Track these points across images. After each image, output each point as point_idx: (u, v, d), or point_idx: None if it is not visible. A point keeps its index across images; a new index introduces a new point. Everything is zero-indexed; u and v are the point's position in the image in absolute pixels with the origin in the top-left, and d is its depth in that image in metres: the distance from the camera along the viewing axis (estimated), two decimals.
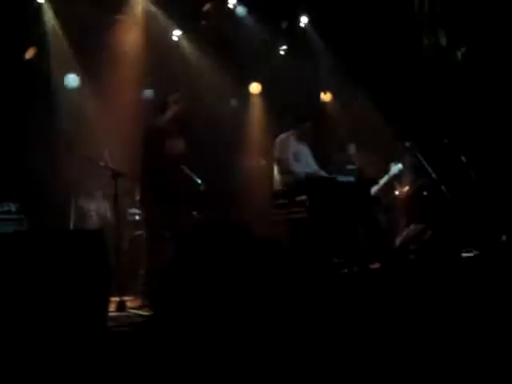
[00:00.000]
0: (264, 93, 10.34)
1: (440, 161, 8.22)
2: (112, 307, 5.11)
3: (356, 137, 8.73)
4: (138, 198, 6.94)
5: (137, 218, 7.53)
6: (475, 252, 7.40)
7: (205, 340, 4.24)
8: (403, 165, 8.41)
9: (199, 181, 7.72)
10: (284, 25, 9.80)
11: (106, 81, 8.26)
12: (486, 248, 7.42)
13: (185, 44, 9.17)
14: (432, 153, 8.24)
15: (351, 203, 6.52)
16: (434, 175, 7.93)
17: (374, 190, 8.13)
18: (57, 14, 8.05)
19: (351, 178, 7.13)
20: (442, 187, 7.85)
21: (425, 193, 8.79)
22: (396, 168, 8.37)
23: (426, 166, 7.98)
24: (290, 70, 9.83)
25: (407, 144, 8.08)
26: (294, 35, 9.94)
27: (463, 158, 8.10)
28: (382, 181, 8.33)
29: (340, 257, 7.03)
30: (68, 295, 4.01)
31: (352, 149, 8.52)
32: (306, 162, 7.30)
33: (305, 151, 7.39)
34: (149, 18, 8.58)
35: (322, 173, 7.38)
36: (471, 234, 7.82)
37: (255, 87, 10.34)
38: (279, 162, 7.15)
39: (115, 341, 4.26)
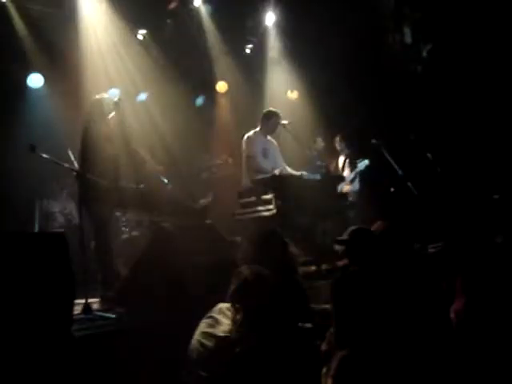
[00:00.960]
0: (230, 91, 10.32)
1: (406, 157, 8.28)
2: (77, 310, 5.02)
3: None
4: None
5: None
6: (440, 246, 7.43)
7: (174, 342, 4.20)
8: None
9: (166, 180, 7.68)
10: (249, 23, 9.78)
11: (71, 80, 8.17)
12: (451, 242, 7.48)
13: (149, 43, 9.09)
14: (398, 149, 8.31)
15: (318, 200, 6.51)
16: (400, 172, 7.99)
17: (341, 186, 8.18)
18: (20, 12, 7.91)
19: (318, 176, 7.14)
20: (409, 183, 7.91)
21: (392, 189, 8.82)
22: (362, 164, 8.39)
23: (393, 162, 8.04)
24: (255, 68, 9.84)
25: (373, 141, 8.12)
26: (259, 33, 9.94)
27: (429, 155, 8.14)
28: (350, 177, 8.38)
29: (308, 254, 7.05)
30: (31, 299, 3.93)
31: (319, 142, 8.53)
32: (274, 159, 7.32)
33: (273, 147, 7.39)
34: (114, 16, 8.46)
35: (290, 170, 7.39)
36: (437, 230, 7.86)
37: (222, 86, 10.32)
38: (247, 159, 7.15)
39: (80, 344, 4.20)
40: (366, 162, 8.39)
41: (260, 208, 6.26)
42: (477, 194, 8.36)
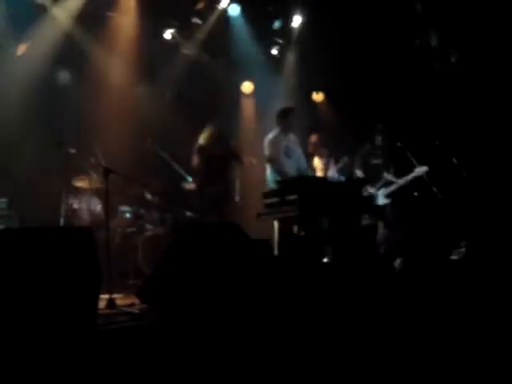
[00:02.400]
0: (256, 92, 10.35)
1: (431, 162, 8.24)
2: (102, 305, 5.08)
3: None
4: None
5: (127, 215, 7.52)
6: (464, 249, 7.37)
7: (196, 339, 4.24)
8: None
9: (190, 179, 7.75)
10: (276, 25, 9.80)
11: (99, 78, 8.27)
12: (476, 248, 7.44)
13: (179, 41, 9.15)
14: (424, 154, 8.27)
15: (342, 203, 6.51)
16: (425, 177, 7.96)
17: (387, 190, 8.13)
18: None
19: (342, 178, 7.15)
20: (434, 188, 7.87)
21: (415, 193, 8.78)
22: (421, 170, 8.01)
23: (417, 165, 8.01)
24: (281, 70, 9.87)
25: (399, 144, 8.10)
26: (286, 35, 9.95)
27: (454, 160, 8.09)
28: (404, 179, 8.17)
29: (330, 257, 7.06)
30: (57, 293, 3.99)
31: (378, 141, 8.40)
32: (297, 158, 7.31)
33: (295, 145, 7.38)
34: (141, 15, 8.53)
35: (311, 172, 7.41)
36: (462, 235, 7.82)
37: (247, 87, 10.35)
38: (270, 161, 7.15)
39: (105, 339, 4.25)
40: (425, 167, 8.03)
41: (284, 208, 6.27)
42: (502, 199, 8.32)
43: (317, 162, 8.02)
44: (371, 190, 8.02)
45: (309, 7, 9.55)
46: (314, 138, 8.16)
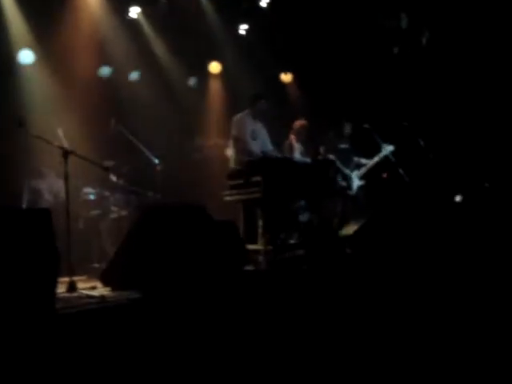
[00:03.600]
0: (224, 72, 10.25)
1: (398, 143, 8.27)
2: (62, 288, 5.01)
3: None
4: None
5: (91, 197, 7.42)
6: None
7: (161, 322, 4.21)
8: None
9: (156, 160, 7.66)
10: (245, 4, 9.68)
11: (62, 57, 8.11)
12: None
13: (142, 21, 9.00)
14: (390, 135, 8.29)
15: (308, 184, 6.49)
16: (392, 157, 7.99)
17: (360, 172, 8.13)
18: None
19: (307, 159, 7.12)
20: (400, 170, 7.90)
21: (384, 175, 8.82)
22: (388, 149, 8.16)
23: (384, 145, 8.04)
24: (250, 50, 9.76)
25: (365, 126, 8.10)
26: (254, 15, 9.84)
27: (421, 141, 8.12)
28: (373, 161, 8.27)
29: (296, 238, 7.06)
30: (13, 275, 3.92)
31: (348, 128, 8.43)
32: (262, 141, 7.28)
33: (262, 130, 7.36)
34: None
35: (277, 153, 7.37)
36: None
37: (215, 67, 10.24)
38: (236, 141, 7.10)
39: (64, 322, 4.19)
40: (391, 146, 8.18)
41: (248, 190, 6.23)
42: (468, 182, 8.40)
43: (298, 146, 8.05)
44: (346, 171, 8.05)
45: None
46: (300, 123, 8.17)
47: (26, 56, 8.12)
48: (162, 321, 4.25)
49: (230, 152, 7.33)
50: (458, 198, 7.65)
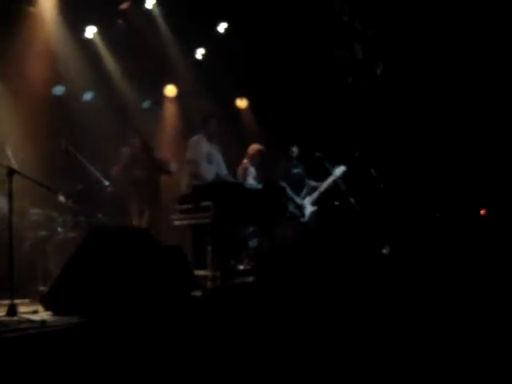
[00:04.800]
0: (179, 96, 10.25)
1: (350, 172, 8.36)
2: (2, 312, 4.87)
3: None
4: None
5: (38, 218, 7.26)
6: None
7: (105, 346, 4.14)
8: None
9: (107, 182, 7.57)
10: (202, 28, 9.71)
11: (14, 74, 7.99)
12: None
13: (98, 41, 8.94)
14: (343, 164, 8.38)
15: (258, 210, 6.49)
16: (343, 187, 8.07)
17: (312, 198, 8.16)
18: None
19: (259, 186, 7.13)
20: (351, 199, 7.98)
21: (336, 202, 8.89)
22: (339, 170, 8.26)
23: (334, 168, 8.13)
24: (206, 75, 9.79)
25: (317, 154, 8.18)
26: (211, 40, 9.88)
27: (373, 171, 8.22)
28: (325, 184, 8.32)
29: (247, 264, 7.05)
30: None
31: (295, 151, 8.48)
32: (217, 165, 7.29)
33: (217, 153, 7.36)
34: (61, 11, 8.28)
35: (230, 178, 7.38)
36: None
37: (170, 90, 10.24)
38: (190, 164, 7.08)
39: (3, 347, 4.07)
40: (343, 167, 8.28)
41: (197, 215, 6.20)
42: (419, 212, 8.52)
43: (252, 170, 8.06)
44: (297, 199, 8.08)
45: (233, 13, 9.51)
46: (255, 147, 8.18)
47: None
48: (105, 346, 4.17)
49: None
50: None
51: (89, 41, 8.86)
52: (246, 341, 4.49)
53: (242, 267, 6.94)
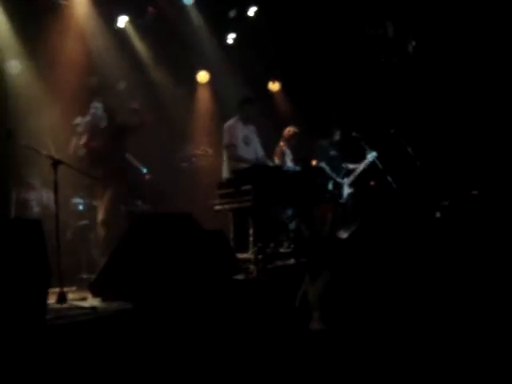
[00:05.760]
0: (212, 81, 10.27)
1: (387, 151, 8.30)
2: (52, 299, 4.97)
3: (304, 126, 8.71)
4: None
5: (80, 207, 7.39)
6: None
7: (153, 332, 4.20)
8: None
9: (144, 169, 7.66)
10: (232, 13, 9.70)
11: (50, 67, 8.08)
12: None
13: (130, 30, 9.00)
14: (379, 143, 8.33)
15: (297, 192, 6.49)
16: (380, 166, 8.02)
17: (349, 180, 8.15)
18: None
19: (297, 168, 7.13)
20: (389, 178, 7.94)
21: (372, 183, 8.85)
22: (372, 156, 8.21)
23: (371, 156, 8.09)
24: (238, 59, 9.78)
25: (354, 134, 8.14)
26: (242, 24, 9.87)
27: (409, 148, 8.16)
28: (360, 167, 8.27)
29: (286, 247, 7.07)
30: (5, 287, 3.89)
31: (337, 135, 8.43)
32: (255, 146, 7.29)
33: (253, 135, 7.36)
34: (93, 3, 8.35)
35: (268, 161, 7.39)
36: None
37: (203, 76, 10.26)
38: (227, 149, 7.09)
39: (54, 334, 4.16)
40: (375, 153, 8.21)
41: (238, 199, 6.23)
42: (455, 189, 8.43)
43: (288, 152, 8.05)
44: (337, 179, 8.07)
45: None
46: (290, 130, 8.16)
47: (13, 66, 8.09)
48: (153, 331, 4.24)
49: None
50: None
51: (121, 30, 8.91)
52: (290, 322, 4.52)
53: (281, 250, 6.96)
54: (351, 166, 8.36)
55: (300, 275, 5.93)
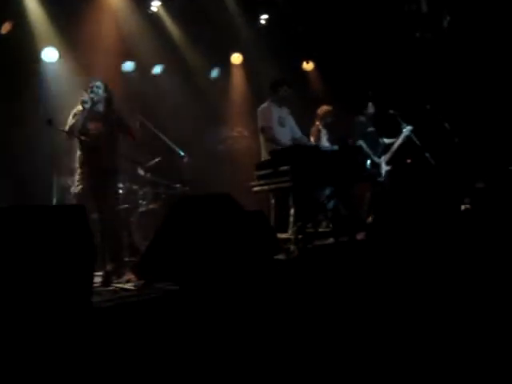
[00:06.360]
0: (245, 63, 10.25)
1: (424, 127, 8.21)
2: (97, 282, 5.06)
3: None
4: None
5: (120, 191, 7.47)
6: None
7: (196, 315, 4.23)
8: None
9: (182, 152, 7.70)
10: None
11: (86, 53, 8.16)
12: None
13: (163, 14, 9.02)
14: (415, 119, 8.23)
15: (336, 171, 6.46)
16: (418, 143, 7.94)
17: (386, 157, 8.10)
18: None
19: (335, 147, 7.08)
20: (427, 154, 7.85)
21: (408, 160, 8.77)
22: (407, 130, 8.10)
23: (407, 130, 8.01)
24: (271, 40, 9.74)
25: (390, 111, 8.06)
26: (274, 5, 9.80)
27: (446, 125, 8.06)
28: (397, 143, 8.17)
29: (325, 226, 7.05)
30: (51, 271, 3.96)
31: (371, 108, 8.31)
32: (291, 127, 7.26)
33: (288, 116, 7.33)
34: None
35: (306, 140, 7.36)
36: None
37: (236, 57, 10.25)
38: (263, 131, 7.07)
39: (101, 316, 4.23)
40: (410, 127, 8.09)
41: (277, 180, 6.22)
42: (493, 165, 8.32)
43: (324, 132, 8.01)
44: (375, 158, 8.02)
45: None
46: (325, 108, 8.13)
47: (50, 54, 8.18)
48: (198, 312, 4.27)
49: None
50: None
51: (154, 14, 8.94)
52: (332, 302, 4.51)
53: (320, 229, 6.95)
54: (388, 141, 8.27)
55: (339, 254, 5.95)
